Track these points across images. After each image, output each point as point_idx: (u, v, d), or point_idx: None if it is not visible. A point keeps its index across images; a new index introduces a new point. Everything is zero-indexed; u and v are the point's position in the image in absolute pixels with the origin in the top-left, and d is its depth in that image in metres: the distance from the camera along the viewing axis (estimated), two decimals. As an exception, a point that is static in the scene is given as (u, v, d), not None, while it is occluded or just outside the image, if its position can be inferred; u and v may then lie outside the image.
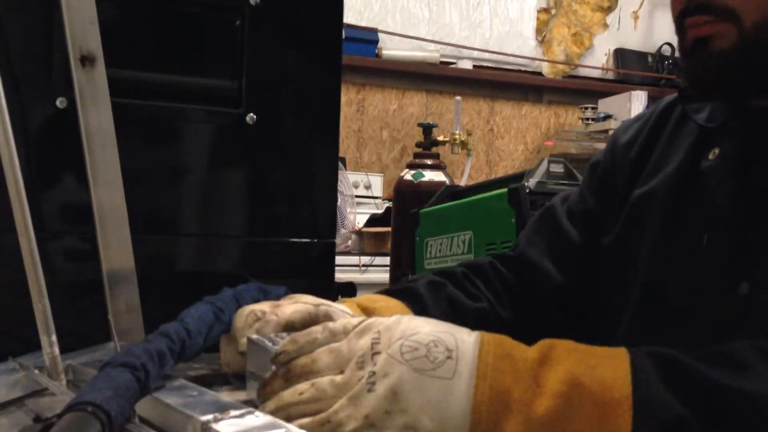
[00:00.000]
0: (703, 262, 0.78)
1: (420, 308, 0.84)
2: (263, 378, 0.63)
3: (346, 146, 4.08)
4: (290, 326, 0.71)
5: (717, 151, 0.79)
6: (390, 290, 0.88)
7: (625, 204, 0.89)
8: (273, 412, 0.56)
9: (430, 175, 2.21)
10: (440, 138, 2.43)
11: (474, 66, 4.34)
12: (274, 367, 0.61)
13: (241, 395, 0.70)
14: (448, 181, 2.20)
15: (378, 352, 0.53)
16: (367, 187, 3.75)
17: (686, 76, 0.79)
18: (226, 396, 0.66)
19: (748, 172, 0.76)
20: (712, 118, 0.82)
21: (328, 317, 0.73)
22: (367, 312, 0.79)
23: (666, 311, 0.81)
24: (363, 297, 0.84)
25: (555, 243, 0.95)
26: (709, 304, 0.76)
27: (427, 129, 2.37)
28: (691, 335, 0.78)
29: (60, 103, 0.91)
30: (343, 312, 0.75)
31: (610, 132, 4.21)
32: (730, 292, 0.74)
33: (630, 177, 0.91)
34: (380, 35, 4.11)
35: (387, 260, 2.49)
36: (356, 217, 2.99)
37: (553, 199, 1.01)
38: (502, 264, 0.97)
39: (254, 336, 0.68)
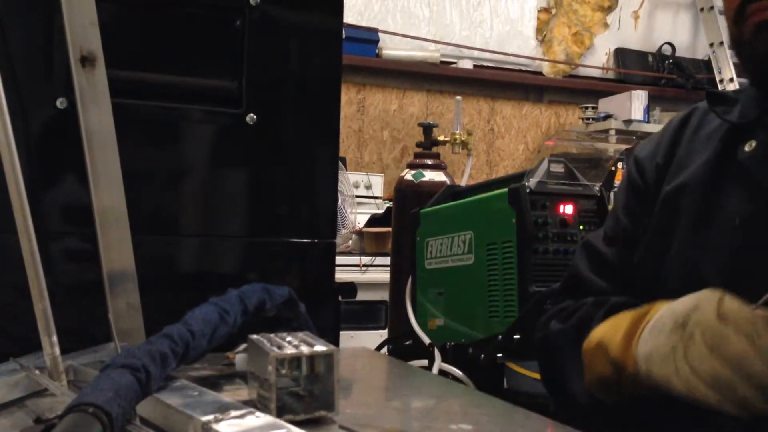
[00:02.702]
0: (742, 243, 0.81)
1: None
2: (263, 378, 0.63)
3: (346, 146, 4.08)
4: None
5: (754, 143, 0.84)
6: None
7: (654, 201, 0.93)
8: None
9: (430, 175, 2.21)
10: (441, 138, 2.42)
11: (474, 66, 4.33)
12: (270, 368, 0.61)
13: (243, 395, 0.70)
14: (448, 181, 2.19)
15: None
16: (368, 187, 3.74)
17: (749, 61, 0.84)
18: (227, 396, 0.66)
19: None
20: (744, 115, 0.87)
21: None
22: None
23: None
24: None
25: (595, 262, 0.99)
26: (748, 284, 0.78)
27: (428, 129, 2.37)
28: None
29: (60, 103, 0.91)
30: None
31: (611, 131, 4.21)
32: None
33: (657, 178, 0.95)
34: (380, 35, 4.10)
35: (387, 260, 2.48)
36: (357, 217, 2.99)
37: (585, 236, 1.08)
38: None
39: (254, 336, 0.68)
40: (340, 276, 1.13)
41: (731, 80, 4.16)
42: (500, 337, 1.18)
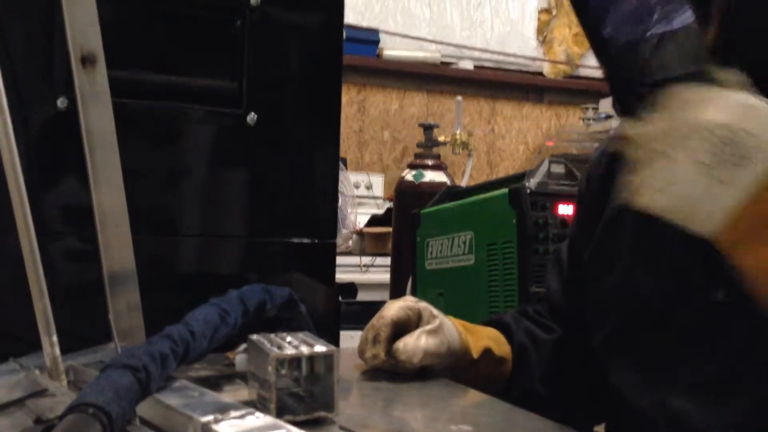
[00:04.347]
0: (677, 267, 0.79)
1: (508, 334, 0.96)
2: (263, 378, 0.63)
3: (347, 146, 4.08)
4: (398, 323, 0.85)
5: None
6: (483, 321, 1.00)
7: (600, 216, 0.91)
8: None
9: (431, 176, 2.21)
10: (441, 138, 2.43)
11: (475, 66, 4.33)
12: (270, 368, 0.61)
13: (243, 396, 0.70)
14: (449, 182, 2.20)
15: None
16: (368, 187, 3.74)
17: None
18: (227, 397, 0.66)
19: None
20: None
21: (427, 309, 0.86)
22: (467, 328, 0.91)
23: (642, 315, 0.82)
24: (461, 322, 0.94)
25: (560, 275, 1.00)
26: (684, 309, 0.78)
27: (428, 129, 2.37)
28: (667, 339, 0.79)
29: (61, 103, 0.91)
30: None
31: (611, 132, 4.21)
32: (707, 298, 0.75)
33: (602, 188, 0.92)
34: (381, 35, 4.10)
35: (388, 261, 2.49)
36: (357, 217, 2.99)
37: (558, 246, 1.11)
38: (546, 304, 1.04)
39: (254, 336, 0.68)
40: (341, 276, 1.13)
41: (731, 81, 4.15)
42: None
